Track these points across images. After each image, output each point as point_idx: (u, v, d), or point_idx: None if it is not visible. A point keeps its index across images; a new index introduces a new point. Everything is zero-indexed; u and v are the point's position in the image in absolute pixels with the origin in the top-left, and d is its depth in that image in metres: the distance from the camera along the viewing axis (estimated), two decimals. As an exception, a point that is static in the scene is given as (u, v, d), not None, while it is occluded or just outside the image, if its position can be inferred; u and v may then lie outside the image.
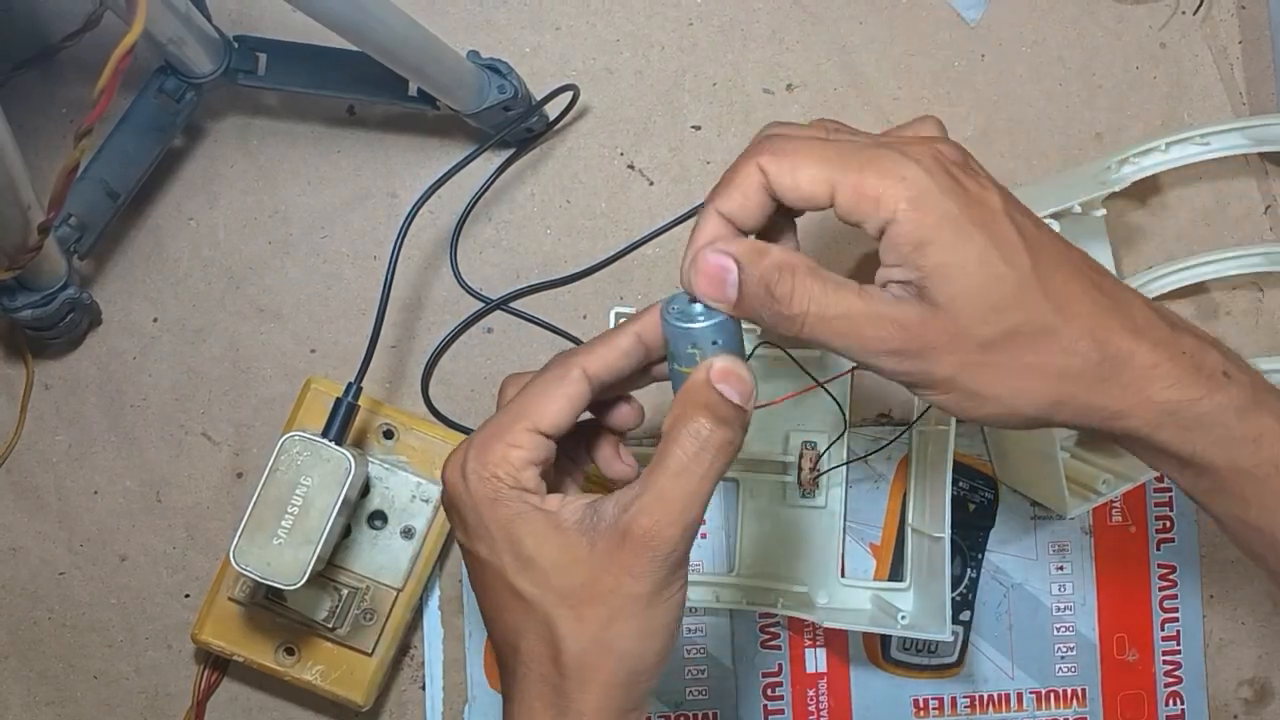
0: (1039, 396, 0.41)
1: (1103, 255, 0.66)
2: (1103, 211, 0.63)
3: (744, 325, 0.43)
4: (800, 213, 0.43)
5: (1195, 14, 0.69)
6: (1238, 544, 0.45)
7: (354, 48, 0.53)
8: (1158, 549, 0.68)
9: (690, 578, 0.65)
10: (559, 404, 0.43)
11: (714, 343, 0.42)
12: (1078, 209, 0.61)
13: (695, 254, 0.41)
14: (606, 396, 0.45)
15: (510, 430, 0.42)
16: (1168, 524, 0.68)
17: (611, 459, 0.47)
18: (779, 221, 0.44)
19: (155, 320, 0.67)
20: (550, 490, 0.43)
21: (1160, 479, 0.67)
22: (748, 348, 0.44)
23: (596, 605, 0.41)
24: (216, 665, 0.66)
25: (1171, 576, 0.68)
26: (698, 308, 0.42)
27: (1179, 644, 0.68)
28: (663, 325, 0.43)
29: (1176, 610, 0.68)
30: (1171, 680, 0.68)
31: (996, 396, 0.41)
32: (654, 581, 0.41)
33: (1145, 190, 0.69)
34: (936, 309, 0.40)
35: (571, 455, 0.47)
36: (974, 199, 0.40)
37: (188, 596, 0.66)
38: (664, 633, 0.42)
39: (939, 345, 0.40)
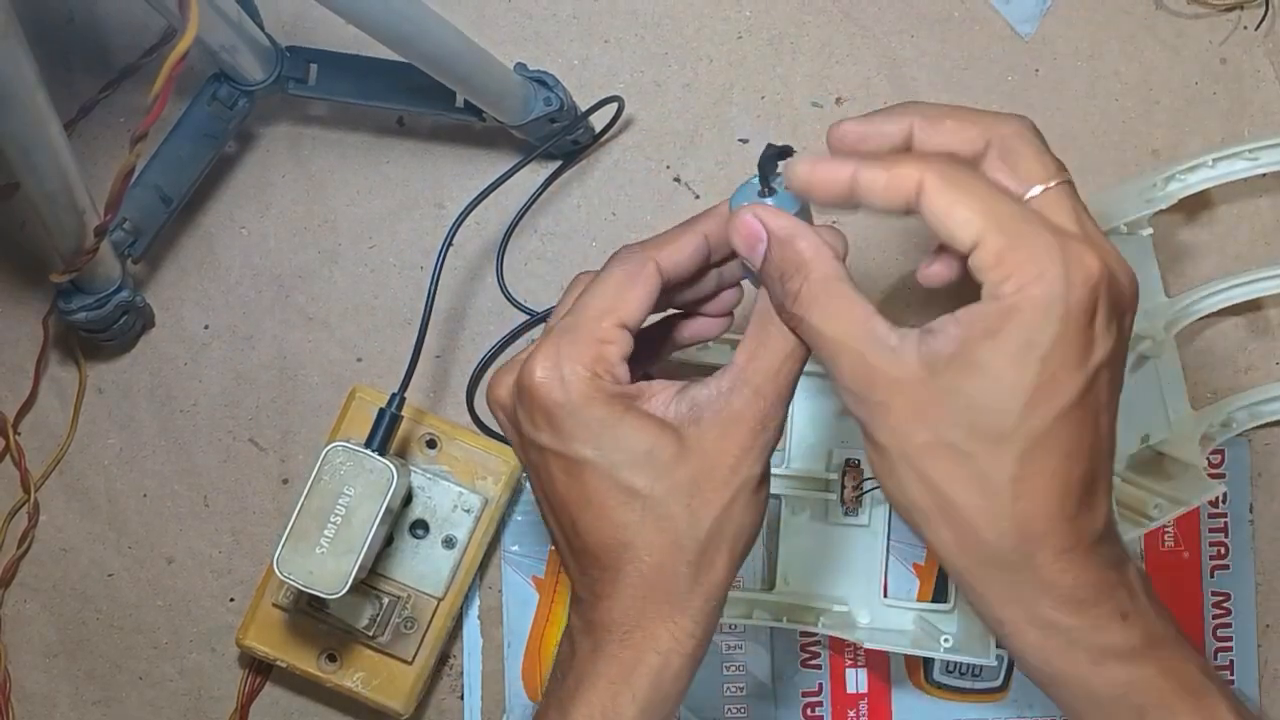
0: (935, 532, 0.40)
1: (1150, 275, 0.65)
2: (1149, 231, 0.61)
3: None
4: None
5: (1258, 29, 0.68)
6: None
7: (403, 59, 0.54)
8: (1211, 576, 0.66)
9: (730, 594, 0.65)
10: (641, 297, 0.43)
11: None
12: (1123, 229, 0.60)
13: (747, 211, 0.42)
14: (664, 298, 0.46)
15: (600, 326, 0.42)
16: (1223, 550, 0.66)
17: (703, 327, 0.49)
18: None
19: (206, 327, 0.68)
20: None
21: (1215, 503, 0.66)
22: None
23: (719, 489, 0.42)
24: (260, 670, 0.67)
25: (1225, 605, 0.66)
26: (770, 200, 0.42)
27: (1233, 674, 0.66)
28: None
29: (1230, 640, 0.66)
30: (1224, 711, 0.66)
31: (904, 494, 0.40)
32: (765, 460, 0.43)
33: (1198, 206, 0.67)
34: (927, 381, 0.38)
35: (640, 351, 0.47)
36: (1081, 340, 0.37)
37: (232, 600, 0.67)
38: (764, 506, 0.44)
39: (892, 413, 0.38)
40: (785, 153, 0.42)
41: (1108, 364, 0.38)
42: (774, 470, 0.65)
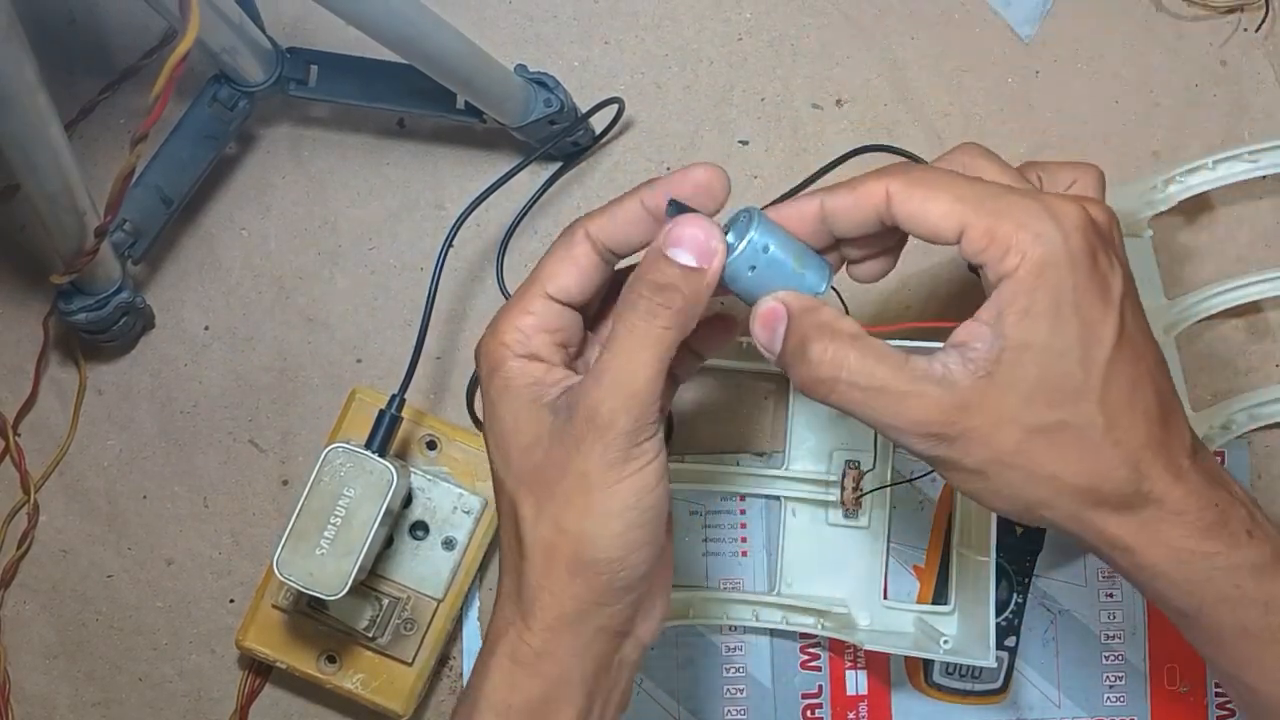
0: (1057, 509, 0.40)
1: (1150, 278, 0.65)
2: (1150, 233, 0.62)
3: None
4: (905, 237, 0.43)
5: (1258, 31, 0.68)
6: (1227, 690, 0.45)
7: (404, 61, 0.54)
8: (1211, 578, 0.66)
9: (731, 595, 0.65)
10: (566, 267, 0.43)
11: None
12: (1123, 231, 0.60)
13: (770, 298, 0.42)
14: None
15: (523, 297, 0.43)
16: (1223, 552, 0.66)
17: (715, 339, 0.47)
18: (886, 241, 0.44)
19: (206, 328, 0.68)
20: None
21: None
22: None
23: (551, 484, 0.41)
24: (259, 671, 0.67)
25: (1225, 607, 0.66)
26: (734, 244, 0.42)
27: (1232, 676, 0.66)
28: None
29: (1230, 641, 0.66)
30: (1224, 714, 0.66)
31: (1016, 497, 0.40)
32: (602, 460, 0.40)
33: (1198, 209, 0.67)
34: (990, 385, 0.39)
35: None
36: (1097, 279, 0.39)
37: (232, 602, 0.67)
38: (619, 519, 0.40)
39: (975, 433, 0.39)
40: (681, 208, 0.42)
41: (1127, 292, 0.40)
42: (774, 472, 0.65)
